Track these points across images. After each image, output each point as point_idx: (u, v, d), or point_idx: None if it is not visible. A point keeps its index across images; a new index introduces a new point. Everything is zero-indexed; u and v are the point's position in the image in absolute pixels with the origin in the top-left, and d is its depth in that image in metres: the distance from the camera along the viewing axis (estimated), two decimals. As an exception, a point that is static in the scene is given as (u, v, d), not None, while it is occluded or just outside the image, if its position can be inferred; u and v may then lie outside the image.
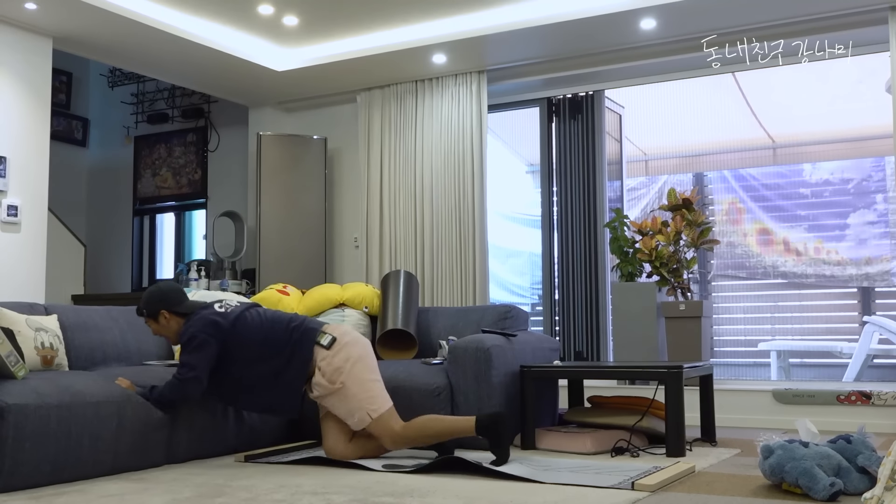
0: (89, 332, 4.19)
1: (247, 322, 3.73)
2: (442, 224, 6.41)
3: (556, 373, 4.27)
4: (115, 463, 3.42)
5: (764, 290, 6.75)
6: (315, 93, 7.04)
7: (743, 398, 5.30)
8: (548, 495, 2.89)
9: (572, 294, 6.20)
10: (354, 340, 3.72)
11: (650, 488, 3.00)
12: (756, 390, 5.29)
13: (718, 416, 5.32)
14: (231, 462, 3.77)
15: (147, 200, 8.32)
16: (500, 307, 4.93)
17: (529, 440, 4.11)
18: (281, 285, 5.34)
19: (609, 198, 6.31)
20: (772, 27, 5.48)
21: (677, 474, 3.26)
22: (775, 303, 6.75)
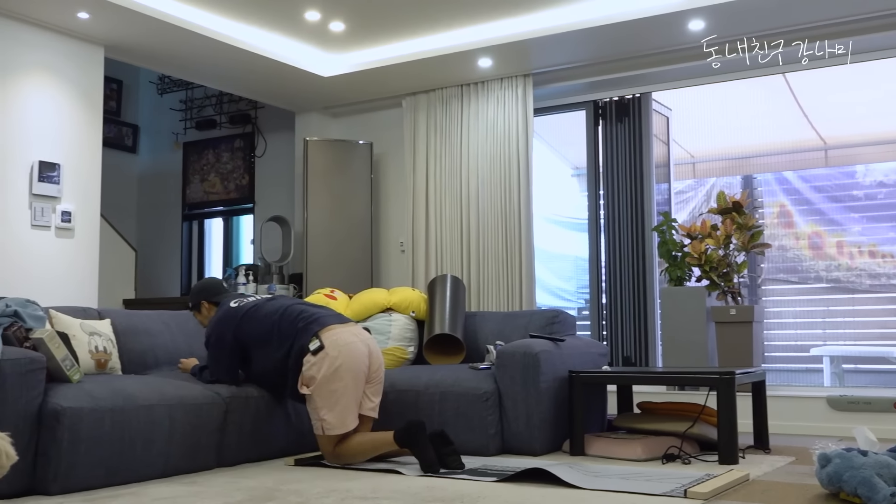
0: (141, 336, 4.24)
1: (256, 315, 3.93)
2: (488, 228, 6.39)
3: (605, 378, 4.22)
4: (167, 466, 3.45)
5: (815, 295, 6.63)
6: (361, 98, 7.06)
7: (796, 405, 5.21)
8: (599, 502, 2.86)
9: (620, 298, 6.15)
10: (342, 355, 3.71)
11: (704, 496, 2.95)
12: (809, 397, 5.20)
13: (771, 423, 5.23)
14: (281, 465, 3.79)
15: (196, 205, 8.41)
16: (548, 312, 4.90)
17: (579, 446, 4.08)
18: (328, 290, 5.36)
19: (656, 201, 6.24)
20: (822, 27, 5.38)
21: (731, 482, 3.20)
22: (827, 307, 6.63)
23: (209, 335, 3.95)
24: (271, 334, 3.85)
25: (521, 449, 4.11)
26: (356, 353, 3.74)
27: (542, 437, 4.10)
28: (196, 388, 3.71)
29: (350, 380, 3.70)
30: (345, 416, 3.70)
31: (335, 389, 3.69)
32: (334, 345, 3.72)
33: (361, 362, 3.76)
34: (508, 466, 3.61)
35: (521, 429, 4.10)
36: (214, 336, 3.93)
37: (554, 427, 4.18)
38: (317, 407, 3.71)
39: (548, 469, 3.32)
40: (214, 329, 3.94)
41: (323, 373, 3.68)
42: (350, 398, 3.71)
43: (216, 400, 3.71)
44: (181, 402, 3.53)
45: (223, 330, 3.92)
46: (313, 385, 3.70)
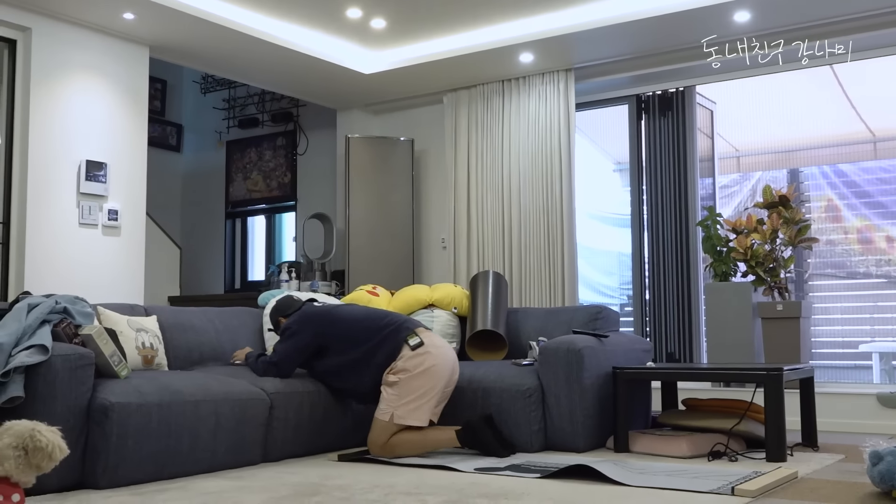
0: (186, 332, 4.29)
1: (340, 313, 4.04)
2: (529, 224, 6.38)
3: (649, 374, 4.20)
4: (214, 461, 3.49)
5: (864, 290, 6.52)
6: (402, 94, 7.08)
7: (845, 402, 5.12)
8: (644, 499, 2.84)
9: (663, 294, 6.10)
10: (438, 357, 3.85)
11: (752, 494, 2.92)
12: (859, 394, 5.11)
13: (819, 421, 5.15)
14: (325, 461, 3.82)
15: (238, 203, 8.49)
16: (591, 308, 4.88)
17: (623, 443, 4.05)
18: (370, 286, 5.38)
19: (701, 195, 6.18)
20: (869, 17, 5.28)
21: (779, 480, 3.16)
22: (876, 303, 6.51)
23: (288, 326, 4.03)
24: (357, 332, 3.95)
25: (564, 445, 4.09)
26: (448, 360, 3.90)
27: (585, 434, 4.08)
28: (241, 384, 3.75)
29: (437, 381, 3.83)
30: (420, 412, 3.79)
31: (422, 385, 3.80)
32: (433, 345, 3.88)
33: (450, 369, 3.91)
34: (552, 463, 3.60)
35: (565, 425, 4.09)
36: (294, 327, 4.01)
37: (597, 424, 4.17)
38: (397, 395, 3.80)
39: (592, 466, 3.31)
40: (296, 322, 4.03)
41: (417, 368, 3.80)
42: (431, 398, 3.82)
43: (261, 396, 3.75)
44: (227, 398, 3.57)
45: (305, 325, 4.01)
46: (404, 376, 3.80)
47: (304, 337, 3.99)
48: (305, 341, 3.99)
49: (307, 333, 3.99)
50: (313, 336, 3.99)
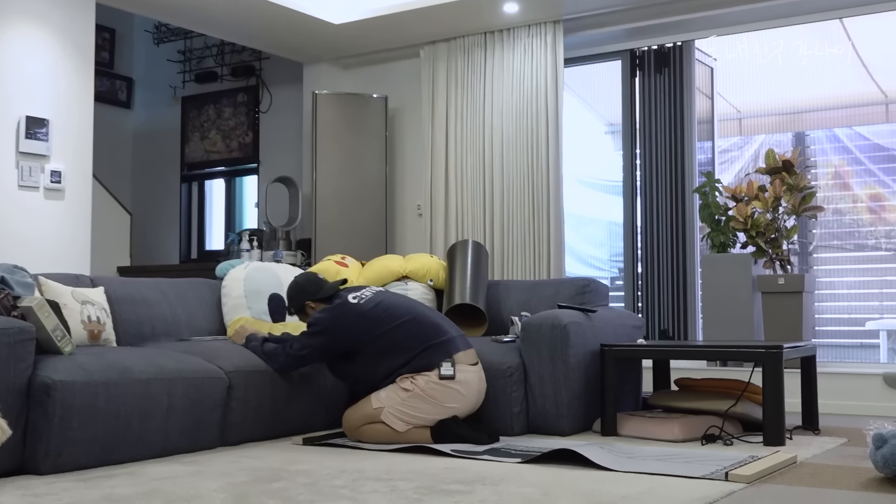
0: (137, 305, 4.27)
1: (387, 315, 3.93)
2: (513, 190, 6.38)
3: (640, 352, 4.22)
4: (167, 444, 3.50)
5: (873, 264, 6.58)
6: (375, 47, 7.03)
7: (849, 382, 5.19)
8: (633, 485, 2.87)
9: (657, 266, 6.14)
10: (460, 398, 3.83)
11: (747, 479, 2.96)
12: (864, 374, 5.18)
13: (821, 402, 5.22)
14: (289, 445, 3.83)
15: (195, 166, 8.44)
16: (578, 280, 4.90)
17: (611, 426, 4.09)
18: (339, 256, 5.37)
19: (699, 160, 6.20)
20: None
21: (777, 464, 3.21)
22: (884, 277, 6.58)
23: (319, 321, 3.92)
24: (399, 342, 3.87)
25: (547, 428, 4.13)
26: (469, 402, 3.87)
27: (570, 416, 4.12)
28: (196, 361, 3.75)
29: (443, 416, 3.80)
30: (407, 425, 3.79)
31: (428, 412, 3.79)
32: (464, 382, 3.83)
33: (468, 409, 3.89)
34: (534, 447, 3.63)
35: (548, 407, 4.12)
36: (327, 326, 3.90)
37: (584, 405, 4.20)
38: (401, 400, 3.78)
39: (577, 450, 3.34)
40: (330, 321, 3.91)
41: (434, 397, 3.78)
42: (429, 423, 3.81)
43: (218, 374, 3.75)
44: (181, 376, 3.57)
45: (341, 327, 3.90)
46: (419, 393, 3.77)
47: (335, 339, 3.90)
48: (337, 344, 3.91)
49: (342, 337, 3.90)
50: (349, 340, 3.90)
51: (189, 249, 8.44)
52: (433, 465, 3.28)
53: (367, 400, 3.85)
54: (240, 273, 4.72)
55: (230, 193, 8.39)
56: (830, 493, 2.78)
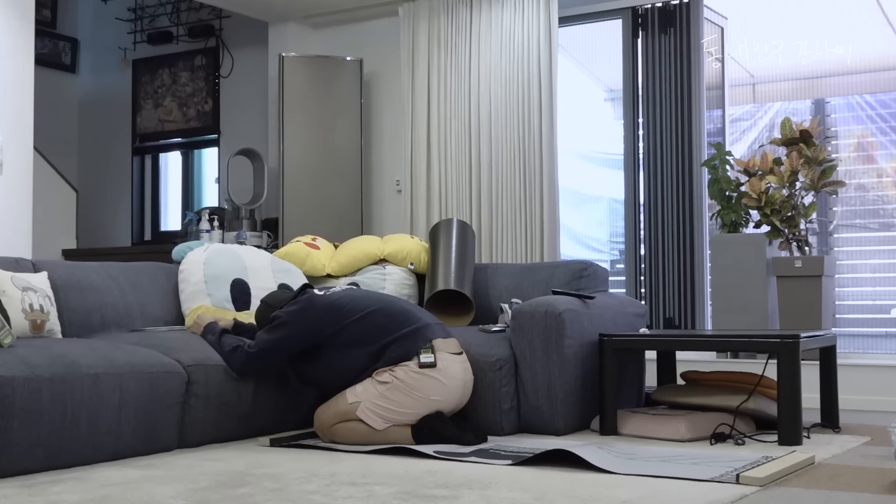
0: (84, 292, 4.26)
1: (351, 304, 3.96)
2: (502, 164, 6.38)
3: (642, 343, 4.23)
4: (119, 446, 3.50)
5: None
6: (348, 5, 7.01)
7: (872, 375, 5.23)
8: (635, 489, 2.89)
9: (662, 248, 6.15)
10: (444, 391, 3.83)
11: (760, 482, 2.98)
12: (889, 366, 5.22)
13: (842, 397, 5.25)
14: (255, 446, 3.84)
15: (148, 137, 8.40)
16: (574, 264, 4.91)
17: (610, 424, 4.11)
18: (309, 238, 5.37)
19: (708, 130, 6.22)
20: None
21: (793, 466, 3.23)
22: (913, 260, 6.63)
23: (278, 316, 3.95)
24: (366, 332, 3.89)
25: (541, 427, 4.15)
26: (453, 394, 3.88)
27: (565, 413, 4.14)
28: (151, 354, 3.74)
29: (428, 410, 3.80)
30: (386, 421, 3.79)
31: (409, 406, 3.79)
32: (445, 372, 3.83)
33: (453, 404, 3.90)
34: (526, 447, 3.65)
35: (542, 403, 4.14)
36: (286, 318, 3.93)
37: (580, 401, 4.22)
38: (378, 395, 3.79)
39: (573, 450, 3.36)
40: (291, 313, 3.94)
41: (414, 388, 3.77)
42: (410, 419, 3.81)
43: (176, 368, 3.75)
44: (133, 371, 3.56)
45: (302, 317, 3.93)
46: (398, 385, 3.77)
47: (298, 331, 3.93)
48: (298, 337, 3.93)
49: (303, 328, 3.93)
50: (312, 332, 3.93)
51: (142, 230, 8.42)
52: (414, 468, 3.29)
53: (342, 395, 3.86)
54: (199, 256, 4.71)
55: (187, 168, 8.36)
56: (852, 497, 2.81)
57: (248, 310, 4.63)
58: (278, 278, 4.81)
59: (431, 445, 3.69)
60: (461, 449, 3.65)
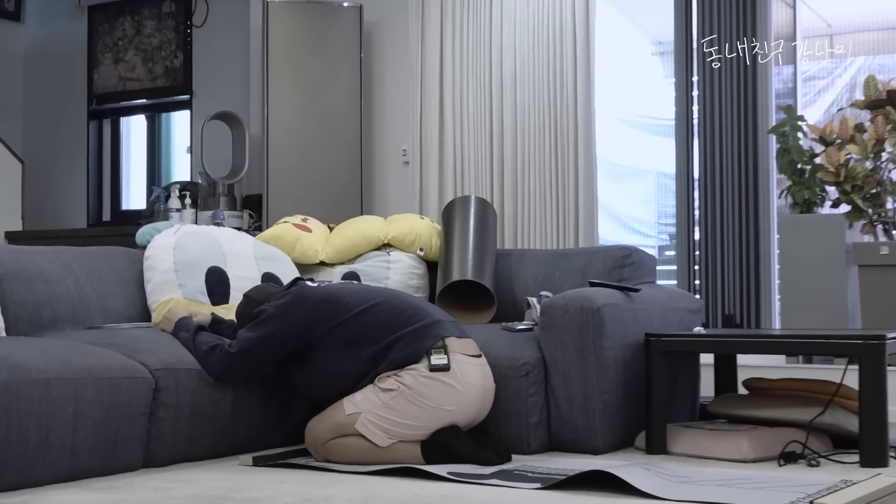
0: (33, 282, 4.26)
1: (349, 298, 3.98)
2: (530, 130, 6.37)
3: (697, 345, 4.22)
4: (74, 464, 3.50)
5: None
6: (345, -61, 7.00)
7: (972, 384, 5.21)
8: (688, 518, 2.90)
9: (720, 231, 6.12)
10: (459, 398, 3.81)
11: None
12: None
13: (935, 411, 5.24)
14: (234, 466, 3.84)
15: (107, 98, 8.40)
16: (616, 250, 4.91)
17: (658, 441, 4.11)
18: (299, 218, 5.37)
19: (776, 90, 6.19)
20: None
21: (877, 492, 3.23)
22: None
23: (264, 310, 3.95)
24: (366, 329, 3.90)
25: (575, 444, 4.14)
26: (471, 404, 3.87)
27: (605, 428, 4.13)
28: (113, 356, 3.74)
29: (438, 424, 3.79)
30: (391, 437, 3.79)
31: (418, 419, 3.78)
32: (461, 377, 3.82)
33: (470, 417, 3.89)
34: (557, 468, 3.64)
35: (577, 415, 4.13)
36: (273, 312, 3.93)
37: (623, 413, 4.22)
38: (382, 405, 3.78)
39: (613, 472, 3.35)
40: (279, 306, 3.94)
41: (424, 397, 3.76)
42: (419, 436, 3.81)
43: (141, 373, 3.74)
44: (91, 376, 3.56)
45: (291, 310, 3.93)
46: (406, 393, 3.76)
47: (287, 328, 3.92)
48: (286, 335, 3.92)
49: (292, 324, 3.92)
50: (303, 329, 3.92)
51: (100, 209, 8.42)
52: (424, 493, 3.29)
53: (339, 406, 3.86)
54: (168, 240, 4.71)
55: (154, 135, 8.37)
56: (947, 528, 2.81)
57: (226, 303, 4.64)
58: (262, 266, 4.81)
59: (445, 466, 3.68)
60: (480, 470, 3.64)
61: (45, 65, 8.66)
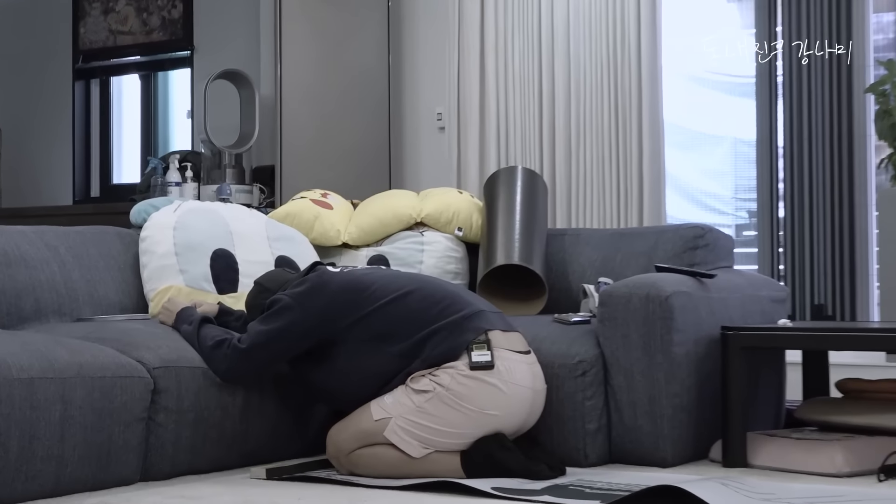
0: (13, 267, 4.28)
1: (377, 284, 3.99)
2: (585, 90, 6.36)
3: (782, 340, 4.20)
4: (61, 477, 3.52)
5: None
6: None
7: None
8: (773, 541, 2.89)
9: (809, 208, 6.09)
10: (505, 401, 3.80)
11: (949, 533, 2.97)
12: None
13: None
14: (244, 479, 3.86)
15: (96, 54, 8.42)
16: (687, 229, 4.91)
17: (737, 452, 4.10)
18: (318, 193, 5.38)
19: (875, 43, 6.15)
20: None
21: None
22: None
23: (279, 299, 3.95)
24: (397, 321, 3.91)
25: (640, 455, 4.15)
26: (520, 409, 3.86)
27: (675, 436, 4.14)
28: (105, 352, 3.76)
29: (481, 431, 3.79)
30: (425, 448, 3.80)
31: (458, 426, 3.78)
32: (506, 375, 3.81)
33: (517, 423, 3.89)
34: (619, 483, 3.65)
35: (641, 422, 4.14)
36: (292, 299, 3.94)
37: (695, 420, 4.22)
38: (417, 409, 3.79)
39: (685, 487, 3.35)
40: (295, 295, 3.95)
41: (464, 399, 3.76)
42: (458, 445, 3.81)
43: (138, 371, 3.76)
44: (81, 375, 3.58)
45: (309, 300, 3.94)
46: (443, 396, 3.77)
47: (305, 319, 3.92)
48: (304, 328, 3.93)
49: (312, 315, 3.92)
50: (324, 321, 3.93)
51: (87, 183, 8.45)
52: (467, 511, 3.30)
53: (365, 410, 3.86)
54: (167, 219, 4.73)
55: (149, 97, 8.39)
56: None
57: (234, 292, 4.66)
58: (276, 249, 4.83)
59: (488, 480, 3.69)
60: (529, 485, 3.65)
61: (24, 17, 8.68)
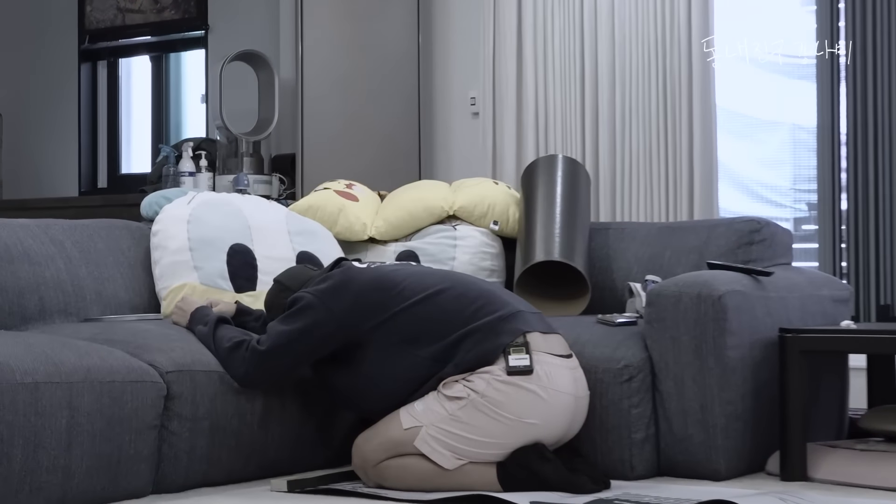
0: (15, 264, 4.30)
1: (406, 281, 4.00)
2: (631, 73, 6.35)
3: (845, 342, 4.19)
4: (68, 488, 3.54)
5: None
6: None
7: None
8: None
9: (874, 201, 6.07)
10: (546, 409, 3.81)
11: None
12: None
13: None
14: (264, 491, 3.88)
15: (103, 34, 8.44)
16: (741, 223, 4.90)
17: (797, 464, 4.09)
18: (342, 184, 5.39)
19: (948, 20, 6.13)
20: None
21: None
22: None
23: (301, 297, 3.96)
24: (428, 323, 3.91)
25: (691, 468, 4.14)
26: (560, 415, 3.86)
27: (728, 447, 4.13)
28: (115, 355, 3.77)
29: (519, 441, 3.80)
30: (459, 459, 3.80)
31: (495, 436, 3.79)
32: (549, 384, 3.81)
33: (558, 433, 3.90)
34: (669, 498, 3.64)
35: (692, 432, 4.13)
36: (315, 297, 3.94)
37: (751, 429, 4.21)
38: (450, 418, 3.80)
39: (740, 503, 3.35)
40: (323, 290, 3.97)
41: (501, 406, 3.76)
42: (494, 456, 3.82)
43: (150, 376, 3.78)
44: (89, 380, 3.59)
45: (333, 299, 3.94)
46: (479, 403, 3.77)
47: (328, 320, 3.92)
48: (327, 329, 3.93)
49: (336, 315, 3.92)
50: (350, 322, 3.93)
51: (94, 173, 8.48)
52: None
53: (394, 418, 3.87)
54: (181, 212, 4.75)
55: (161, 80, 8.41)
56: None
57: (253, 290, 4.67)
58: (298, 244, 4.84)
59: (527, 494, 3.70)
60: (571, 499, 3.65)
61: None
